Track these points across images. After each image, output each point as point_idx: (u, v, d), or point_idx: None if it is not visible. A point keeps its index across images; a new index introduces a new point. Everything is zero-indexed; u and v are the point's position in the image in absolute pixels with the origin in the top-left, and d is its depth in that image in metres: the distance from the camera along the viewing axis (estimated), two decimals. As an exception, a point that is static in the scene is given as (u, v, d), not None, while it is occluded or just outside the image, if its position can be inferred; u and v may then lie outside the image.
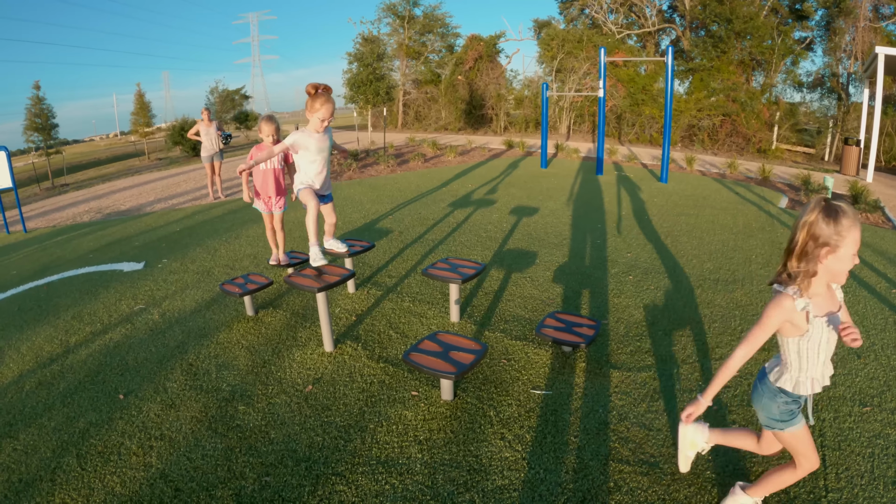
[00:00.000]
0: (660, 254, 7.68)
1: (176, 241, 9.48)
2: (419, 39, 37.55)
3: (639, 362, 4.65)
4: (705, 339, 5.04)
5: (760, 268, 7.02)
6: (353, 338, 5.25)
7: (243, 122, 40.45)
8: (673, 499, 3.08)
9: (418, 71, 37.76)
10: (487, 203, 11.49)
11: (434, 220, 10.01)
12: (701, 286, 6.38)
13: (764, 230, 9.05)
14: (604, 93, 15.01)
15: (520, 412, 3.97)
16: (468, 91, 34.54)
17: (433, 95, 36.55)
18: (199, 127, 13.53)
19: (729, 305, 5.83)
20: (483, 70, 34.89)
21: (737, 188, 13.57)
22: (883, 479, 3.22)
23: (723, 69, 26.41)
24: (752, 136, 24.21)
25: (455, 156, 19.88)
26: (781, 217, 10.20)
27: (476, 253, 7.77)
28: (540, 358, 4.75)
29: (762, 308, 5.25)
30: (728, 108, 24.74)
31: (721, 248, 7.90)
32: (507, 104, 33.84)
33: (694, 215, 10.15)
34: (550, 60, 30.91)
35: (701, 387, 4.22)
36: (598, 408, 3.99)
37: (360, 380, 4.49)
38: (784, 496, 3.08)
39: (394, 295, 6.29)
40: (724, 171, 16.86)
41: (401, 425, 3.86)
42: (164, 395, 4.38)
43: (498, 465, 3.41)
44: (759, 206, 11.17)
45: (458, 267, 5.50)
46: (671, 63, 13.36)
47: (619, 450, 3.52)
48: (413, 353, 4.11)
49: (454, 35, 38.51)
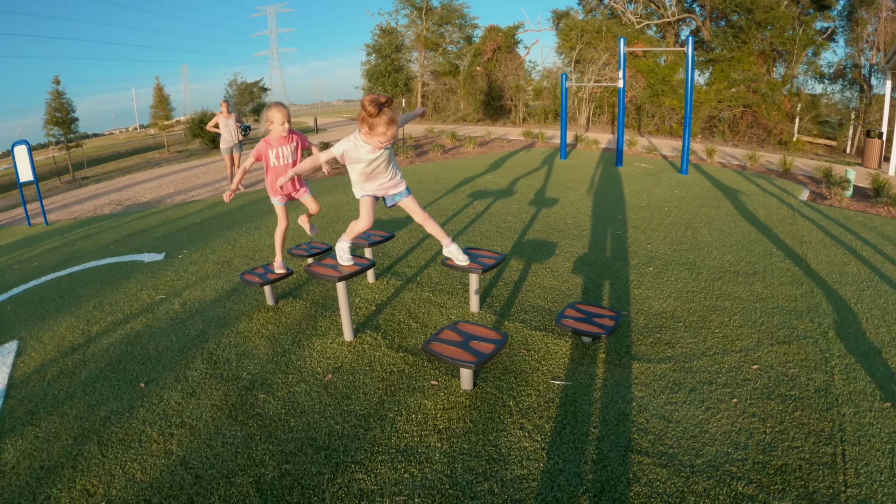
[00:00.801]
0: (680, 245, 7.64)
1: (196, 231, 9.54)
2: (437, 31, 37.53)
3: (658, 354, 4.63)
4: (725, 332, 5.01)
5: (781, 260, 6.96)
6: (373, 327, 5.26)
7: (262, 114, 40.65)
8: (692, 491, 3.07)
9: (436, 62, 37.77)
10: (507, 194, 11.47)
11: (454, 210, 10.01)
12: (721, 278, 6.35)
13: (785, 222, 8.98)
14: (623, 83, 14.91)
15: (539, 402, 3.97)
16: (487, 82, 34.50)
17: (451, 87, 36.54)
18: (219, 119, 13.59)
19: (749, 298, 5.79)
20: (501, 61, 34.85)
21: (757, 180, 13.46)
22: None
23: (743, 60, 26.19)
24: (773, 128, 24.00)
25: (474, 147, 19.86)
26: (803, 210, 10.12)
27: (496, 243, 7.77)
28: (560, 348, 4.74)
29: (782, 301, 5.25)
30: (749, 100, 24.55)
31: (741, 241, 7.85)
32: (525, 95, 33.78)
33: (714, 207, 10.08)
34: (569, 51, 30.80)
35: (719, 380, 4.20)
36: (617, 399, 3.98)
37: (380, 369, 4.50)
38: (803, 490, 3.07)
39: (413, 285, 6.29)
40: (744, 162, 16.72)
41: (420, 414, 3.87)
42: (185, 384, 4.41)
43: (517, 455, 3.41)
44: (780, 199, 11.08)
45: (479, 257, 5.48)
46: (691, 53, 13.25)
47: (638, 441, 3.51)
48: (433, 342, 4.12)
49: (472, 26, 38.49)
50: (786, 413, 3.80)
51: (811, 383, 4.17)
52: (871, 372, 4.34)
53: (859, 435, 3.56)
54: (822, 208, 10.43)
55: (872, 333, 5.01)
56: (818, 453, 3.39)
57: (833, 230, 8.61)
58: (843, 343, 4.83)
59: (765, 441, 3.50)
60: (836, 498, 3.02)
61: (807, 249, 7.46)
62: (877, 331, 5.05)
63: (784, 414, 3.79)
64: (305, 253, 6.29)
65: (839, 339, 4.89)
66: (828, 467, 3.26)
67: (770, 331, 5.04)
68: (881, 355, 4.60)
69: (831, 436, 3.56)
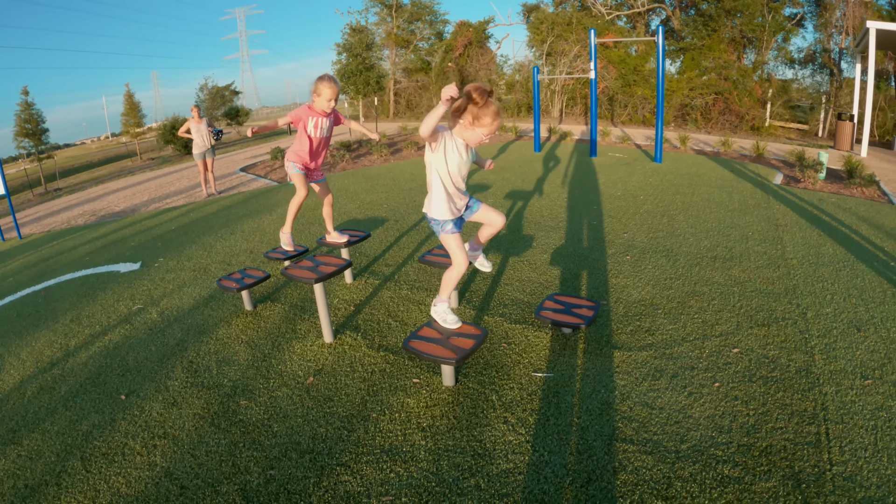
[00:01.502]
0: (656, 233, 7.68)
1: (171, 239, 9.46)
2: (407, 28, 37.55)
3: (639, 342, 4.65)
4: (705, 317, 5.04)
5: (757, 244, 7.02)
6: (353, 328, 5.24)
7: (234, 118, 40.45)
8: (678, 476, 3.09)
9: (408, 59, 37.75)
10: (482, 188, 11.47)
11: (429, 208, 9.99)
12: (699, 264, 6.39)
13: (760, 207, 9.05)
14: (595, 74, 14.98)
15: (522, 395, 3.97)
16: (459, 78, 34.51)
17: (424, 83, 36.55)
18: (190, 124, 13.51)
19: (727, 282, 5.83)
20: (473, 56, 34.89)
21: (731, 166, 13.57)
22: (887, 452, 3.22)
23: (714, 48, 26.43)
24: (745, 114, 24.23)
25: (448, 144, 19.84)
26: (777, 193, 10.21)
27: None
28: (540, 340, 4.74)
29: (760, 284, 5.28)
30: (720, 87, 24.76)
31: (717, 226, 7.90)
32: (498, 89, 33.82)
33: (689, 194, 10.14)
34: (540, 44, 30.90)
35: (700, 365, 4.23)
36: (600, 388, 3.99)
37: (361, 369, 4.48)
38: (789, 471, 3.09)
39: (391, 283, 6.28)
40: (718, 149, 16.84)
41: (403, 413, 3.86)
42: (166, 394, 4.37)
43: (502, 449, 3.41)
44: (754, 183, 11.17)
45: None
46: (661, 43, 13.33)
47: (622, 429, 3.52)
48: (413, 340, 4.10)
49: (443, 22, 38.59)
50: (768, 395, 3.83)
51: (792, 364, 4.20)
52: (850, 350, 4.38)
53: (842, 413, 3.60)
54: (797, 191, 10.52)
55: (851, 312, 5.06)
56: (802, 433, 3.42)
57: (808, 212, 8.68)
58: (822, 323, 4.87)
59: (748, 423, 3.52)
60: (822, 476, 3.05)
61: (782, 232, 7.52)
62: (855, 310, 5.10)
63: (766, 396, 3.81)
64: (282, 256, 6.25)
65: (818, 320, 4.93)
66: (812, 446, 3.29)
67: (749, 314, 5.08)
68: (860, 333, 4.65)
69: (814, 415, 3.59)
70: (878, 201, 9.68)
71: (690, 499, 2.94)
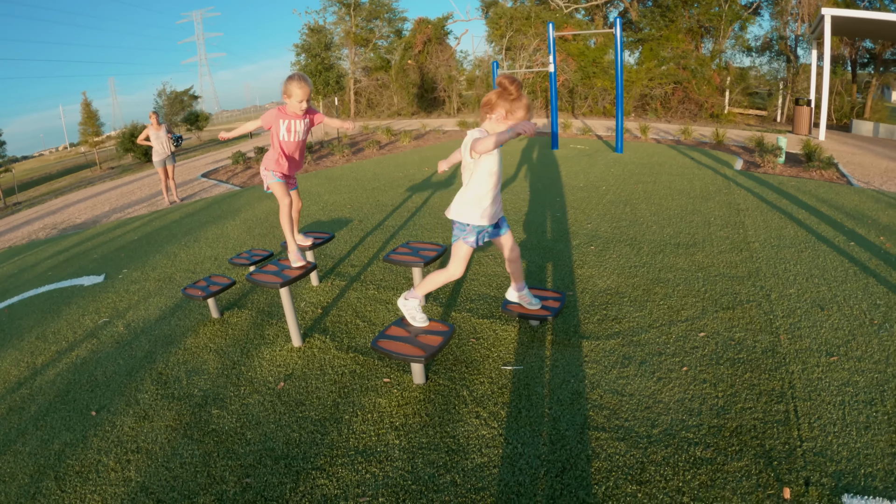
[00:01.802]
0: (620, 222, 7.75)
1: (135, 249, 9.33)
2: (366, 26, 37.33)
3: (607, 330, 4.70)
4: (670, 303, 5.11)
5: (720, 229, 7.13)
6: (321, 330, 5.23)
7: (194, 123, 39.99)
8: (651, 460, 3.14)
9: (367, 58, 37.58)
10: (445, 185, 11.48)
11: (393, 205, 9.98)
12: (662, 251, 6.47)
13: (721, 192, 9.18)
14: (554, 68, 15.06)
15: (493, 389, 3.99)
16: (419, 75, 34.50)
17: (384, 82, 36.42)
18: (149, 132, 13.32)
19: (691, 268, 5.91)
20: (433, 53, 34.88)
21: (692, 153, 13.74)
22: (855, 425, 3.31)
23: (671, 38, 26.70)
24: (704, 102, 24.56)
25: (410, 141, 19.85)
26: (738, 179, 10.36)
27: (437, 235, 7.77)
28: (508, 334, 4.76)
29: (724, 268, 5.37)
30: (679, 76, 25.05)
31: (680, 213, 8.01)
32: (458, 85, 33.90)
33: (651, 182, 10.26)
34: (500, 39, 30.95)
35: (668, 350, 4.30)
36: (569, 378, 4.03)
37: (332, 372, 4.47)
38: (760, 449, 3.16)
39: (358, 284, 6.26)
40: (678, 137, 17.05)
41: (376, 413, 3.86)
42: (137, 408, 4.32)
43: (476, 444, 3.42)
44: (714, 170, 11.32)
45: (420, 250, 5.49)
46: (619, 34, 13.44)
47: (594, 417, 3.56)
48: (381, 339, 4.11)
49: (401, 20, 38.45)
50: (736, 376, 3.90)
51: (758, 345, 4.29)
52: (815, 329, 4.49)
53: (809, 390, 3.68)
54: (757, 176, 10.69)
55: (813, 292, 5.16)
56: (771, 412, 3.49)
57: (768, 196, 8.82)
58: (786, 303, 4.97)
59: (718, 405, 3.59)
60: (793, 453, 3.12)
61: (744, 217, 7.63)
62: (818, 289, 5.21)
63: (734, 377, 3.89)
64: (247, 261, 6.20)
65: (782, 300, 5.03)
66: (781, 424, 3.37)
67: (714, 298, 5.16)
68: (824, 312, 4.76)
69: (782, 394, 3.67)
70: (837, 183, 9.88)
71: (664, 482, 2.98)
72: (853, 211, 7.70)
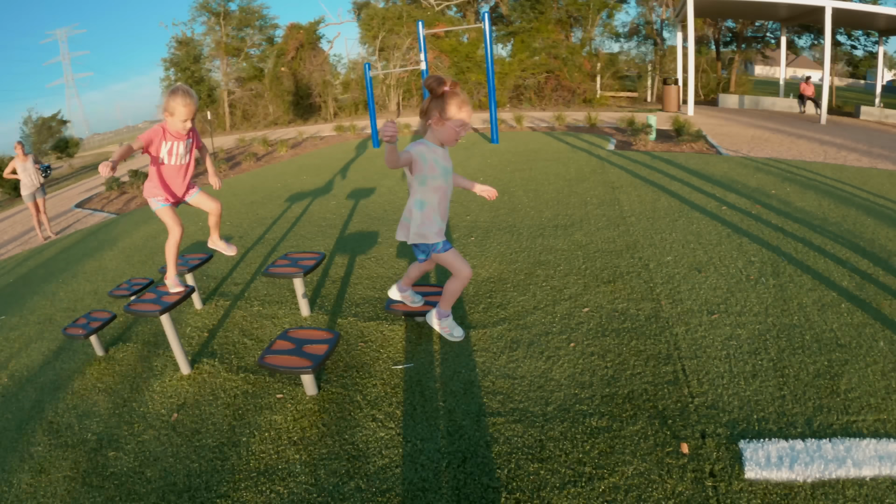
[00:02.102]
0: (498, 211, 7.79)
1: (11, 293, 8.68)
2: (237, 35, 36.44)
3: (493, 317, 4.66)
4: (553, 284, 5.13)
5: (596, 208, 7.26)
6: (209, 354, 4.97)
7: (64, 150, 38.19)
8: (549, 437, 3.13)
9: (240, 68, 36.69)
10: (325, 192, 11.28)
11: (273, 218, 9.70)
12: (542, 235, 6.51)
13: (596, 173, 9.40)
14: (426, 65, 15.08)
15: (386, 390, 3.88)
16: (293, 82, 34.05)
17: (258, 91, 35.65)
18: (15, 164, 12.45)
19: (571, 248, 5.97)
20: (306, 59, 34.47)
21: (567, 138, 14.07)
22: (742, 375, 3.46)
23: (542, 29, 27.39)
24: (576, 89, 25.31)
25: (287, 150, 19.51)
26: (611, 159, 10.65)
27: (318, 243, 7.58)
28: (395, 333, 4.67)
29: (602, 244, 5.45)
30: (551, 65, 25.71)
31: (557, 196, 8.12)
32: (334, 90, 33.67)
33: (528, 169, 10.40)
34: (373, 40, 30.94)
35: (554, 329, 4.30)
36: (460, 369, 3.97)
37: (224, 395, 4.24)
38: (653, 411, 3.23)
39: (242, 302, 6.01)
40: (553, 124, 17.42)
41: (273, 431, 3.68)
42: (32, 462, 3.96)
43: (375, 447, 3.32)
44: (589, 152, 11.61)
45: (299, 260, 5.32)
46: (488, 28, 13.60)
47: (488, 404, 3.52)
48: (267, 356, 3.93)
49: (273, 26, 37.73)
50: (623, 345, 3.96)
51: (641, 313, 4.38)
52: (694, 291, 4.65)
53: (695, 349, 3.80)
54: (630, 154, 11.01)
55: (690, 257, 5.34)
56: (660, 374, 3.57)
57: (642, 172, 9.08)
58: (665, 271, 5.10)
59: (608, 375, 3.63)
60: (686, 409, 3.20)
61: (619, 193, 7.81)
62: (694, 254, 5.39)
63: (621, 346, 3.95)
64: (127, 292, 5.83)
65: (660, 268, 5.17)
66: (672, 384, 3.45)
67: (594, 273, 5.22)
68: (701, 274, 4.94)
69: (669, 356, 3.77)
70: (706, 153, 10.32)
71: (564, 456, 2.99)
72: (723, 178, 8.02)
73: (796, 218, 6.50)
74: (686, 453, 2.91)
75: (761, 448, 2.93)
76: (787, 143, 13.37)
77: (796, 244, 5.68)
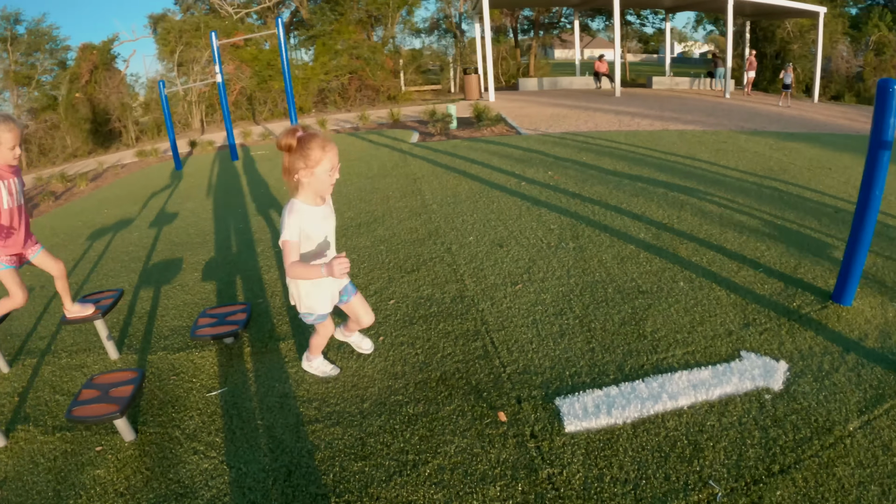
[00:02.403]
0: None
1: None
2: (27, 62, 33.70)
3: (301, 327, 4.64)
4: (358, 281, 5.16)
5: (398, 201, 7.40)
6: (23, 419, 4.57)
7: None
8: (369, 433, 3.18)
9: (32, 98, 34.00)
10: (126, 224, 10.63)
11: (75, 259, 9.01)
12: (344, 235, 6.54)
13: (398, 167, 9.55)
14: (221, 77, 14.68)
15: (203, 420, 3.76)
16: (90, 108, 32.00)
17: (54, 122, 33.25)
18: None
19: (374, 243, 6.05)
20: (101, 81, 32.38)
21: (370, 136, 14.19)
22: (551, 336, 3.67)
23: (343, 31, 27.44)
24: (381, 87, 25.54)
25: (87, 184, 18.28)
26: (413, 151, 10.86)
27: (121, 280, 7.12)
28: (205, 360, 4.52)
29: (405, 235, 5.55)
30: (353, 66, 25.77)
31: (358, 194, 8.19)
32: (134, 112, 31.99)
33: (332, 171, 10.34)
34: (170, 55, 29.72)
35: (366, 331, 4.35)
36: (274, 383, 3.94)
37: (44, 460, 3.92)
38: (468, 387, 3.36)
39: (49, 356, 5.54)
40: (357, 124, 17.51)
41: (98, 487, 3.45)
42: None
43: (201, 480, 3.21)
44: (391, 147, 11.77)
45: (98, 301, 5.03)
46: (282, 33, 13.41)
47: (306, 412, 3.52)
48: (75, 408, 3.69)
49: (65, 48, 34.99)
50: (431, 330, 4.08)
51: (446, 296, 4.52)
52: (497, 266, 4.86)
53: (501, 320, 3.98)
54: (432, 144, 11.26)
55: (492, 234, 5.59)
56: (470, 351, 3.71)
57: (443, 160, 9.32)
58: (467, 251, 5.30)
59: (419, 361, 3.73)
60: (499, 379, 3.35)
61: (421, 184, 7.98)
62: (495, 231, 5.65)
63: (430, 331, 4.06)
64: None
65: (463, 249, 5.36)
66: (482, 358, 3.60)
67: (398, 265, 5.33)
68: (503, 249, 5.18)
69: (477, 332, 3.92)
70: (507, 135, 10.77)
71: (386, 448, 3.04)
72: (522, 156, 8.39)
73: (592, 183, 6.94)
74: (504, 421, 3.04)
75: (577, 401, 3.11)
76: (585, 117, 14.18)
77: (594, 207, 6.07)
